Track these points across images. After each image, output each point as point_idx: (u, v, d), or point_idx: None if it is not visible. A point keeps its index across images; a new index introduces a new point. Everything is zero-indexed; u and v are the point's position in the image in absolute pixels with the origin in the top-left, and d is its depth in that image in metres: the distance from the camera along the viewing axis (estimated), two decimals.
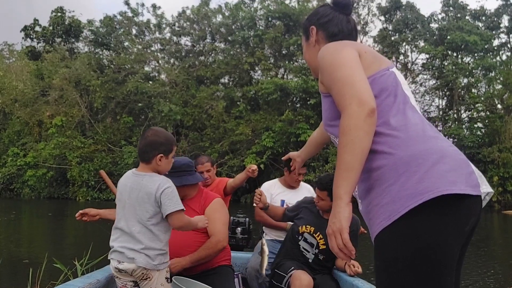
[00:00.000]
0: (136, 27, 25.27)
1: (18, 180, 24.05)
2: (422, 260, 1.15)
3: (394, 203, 1.19)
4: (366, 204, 1.33)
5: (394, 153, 1.26)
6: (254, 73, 23.16)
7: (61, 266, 2.75)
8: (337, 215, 1.23)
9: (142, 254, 2.12)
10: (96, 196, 21.73)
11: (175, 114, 20.40)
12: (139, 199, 2.15)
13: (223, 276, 2.76)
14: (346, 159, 1.24)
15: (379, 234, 1.23)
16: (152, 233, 2.15)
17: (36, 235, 10.96)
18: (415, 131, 1.30)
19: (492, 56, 20.97)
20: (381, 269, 1.23)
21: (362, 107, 1.24)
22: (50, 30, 26.86)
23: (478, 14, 22.20)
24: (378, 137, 1.30)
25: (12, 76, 26.41)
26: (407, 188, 1.18)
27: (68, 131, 22.83)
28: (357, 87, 1.28)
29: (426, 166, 1.20)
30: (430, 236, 1.15)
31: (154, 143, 2.20)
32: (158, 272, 2.15)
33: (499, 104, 20.59)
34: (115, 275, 2.19)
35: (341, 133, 1.26)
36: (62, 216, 15.60)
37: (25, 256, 7.27)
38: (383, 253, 1.22)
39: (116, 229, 2.20)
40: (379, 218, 1.23)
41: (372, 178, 1.29)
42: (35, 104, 24.28)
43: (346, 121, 1.25)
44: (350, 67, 1.34)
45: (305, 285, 2.70)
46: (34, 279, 3.84)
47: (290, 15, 21.07)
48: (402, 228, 1.17)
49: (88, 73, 23.26)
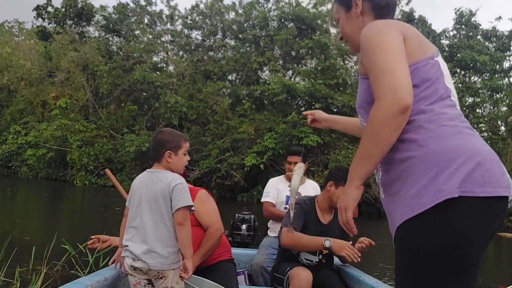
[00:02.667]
0: (148, 16, 25.25)
1: (17, 158, 24.04)
2: (445, 256, 1.14)
3: (419, 196, 1.18)
4: (390, 193, 1.32)
5: (426, 146, 1.23)
6: (262, 73, 23.16)
7: (69, 247, 2.77)
8: (346, 195, 1.33)
9: (156, 255, 2.14)
10: (94, 181, 21.71)
11: (180, 106, 20.41)
12: (154, 195, 2.19)
13: (224, 271, 2.78)
14: (367, 149, 1.26)
15: (400, 226, 1.22)
16: (167, 229, 2.18)
17: (31, 214, 10.96)
18: (450, 126, 1.27)
19: (500, 77, 20.99)
20: (401, 261, 1.23)
21: (397, 101, 1.20)
22: (62, 11, 26.82)
23: (490, 34, 22.20)
24: (412, 127, 1.27)
25: (20, 54, 26.40)
26: (436, 183, 1.17)
27: (71, 114, 22.82)
28: (397, 79, 1.23)
29: (458, 163, 1.18)
30: (456, 234, 1.14)
31: (160, 141, 2.30)
32: (174, 271, 2.18)
33: (503, 126, 20.60)
34: (129, 272, 2.20)
35: (369, 121, 1.25)
36: (58, 198, 15.60)
37: (20, 233, 7.27)
38: (404, 246, 1.22)
39: (130, 228, 2.22)
40: (402, 210, 1.22)
41: (399, 168, 1.27)
42: (41, 84, 24.26)
43: (376, 112, 1.23)
44: (393, 54, 1.28)
45: (304, 280, 2.70)
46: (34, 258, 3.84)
47: (304, 19, 21.07)
48: (427, 223, 1.16)
49: (96, 58, 23.25)
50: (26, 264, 3.80)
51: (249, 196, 18.76)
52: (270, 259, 3.26)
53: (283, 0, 23.12)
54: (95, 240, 2.78)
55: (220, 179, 19.12)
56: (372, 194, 15.62)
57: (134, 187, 2.29)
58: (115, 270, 2.42)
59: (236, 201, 18.66)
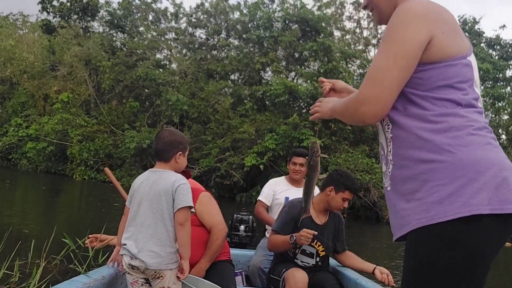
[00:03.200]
0: (153, 13, 25.25)
1: (17, 151, 24.04)
2: (459, 268, 1.13)
3: (442, 204, 1.16)
4: (401, 191, 1.28)
5: (454, 153, 1.19)
6: (264, 74, 23.16)
7: (70, 241, 2.77)
8: (328, 105, 1.58)
9: (153, 254, 2.15)
10: (93, 176, 21.72)
11: (182, 104, 20.41)
12: (156, 194, 2.21)
13: (222, 271, 2.79)
14: (338, 111, 1.48)
15: (415, 231, 1.20)
16: (166, 229, 2.19)
17: (30, 207, 10.97)
18: (480, 136, 1.23)
19: (503, 86, 21.00)
20: (413, 267, 1.20)
21: (360, 114, 1.30)
22: (67, 6, 26.83)
23: (493, 42, 22.22)
24: (441, 128, 1.22)
25: (24, 47, 26.35)
26: (462, 194, 1.15)
27: (73, 108, 22.81)
28: (377, 90, 1.23)
29: (486, 177, 1.15)
30: (475, 248, 1.13)
31: (173, 142, 2.30)
32: (171, 271, 2.18)
33: (504, 134, 20.61)
34: (127, 271, 2.22)
35: (349, 98, 1.39)
36: (57, 192, 15.61)
37: (18, 226, 7.28)
38: (418, 252, 1.19)
39: (130, 226, 2.24)
40: (420, 214, 1.19)
41: (419, 168, 1.23)
42: (43, 78, 24.25)
43: (350, 102, 1.35)
44: (397, 59, 1.22)
45: (299, 281, 2.71)
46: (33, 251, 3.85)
47: (308, 21, 21.07)
48: (446, 233, 1.14)
49: (99, 53, 23.25)
50: (25, 257, 3.81)
51: (247, 196, 18.76)
52: (268, 260, 3.26)
53: (288, 2, 23.14)
54: (93, 239, 2.78)
55: (220, 179, 19.12)
56: (371, 199, 15.62)
57: (135, 186, 2.30)
58: (113, 268, 2.42)
59: (235, 201, 18.66)
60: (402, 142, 1.28)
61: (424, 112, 1.25)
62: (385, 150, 1.37)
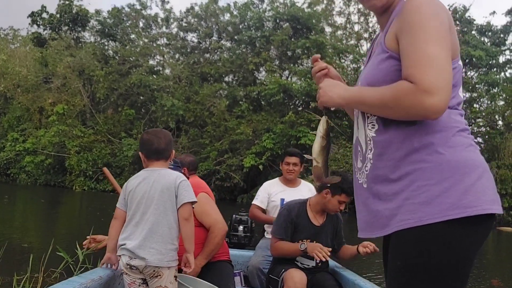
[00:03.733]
0: (144, 20, 25.26)
1: (15, 165, 24.00)
2: (450, 269, 1.14)
3: (430, 205, 1.14)
4: (385, 191, 1.24)
5: (443, 154, 1.18)
6: (258, 74, 23.19)
7: (64, 254, 2.75)
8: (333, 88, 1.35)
9: (154, 251, 2.14)
10: (93, 186, 21.69)
11: (177, 109, 20.41)
12: (159, 191, 2.22)
13: (221, 271, 2.79)
14: (370, 102, 1.23)
15: (401, 231, 1.18)
16: (168, 226, 2.19)
17: (30, 221, 10.94)
18: (463, 137, 1.24)
19: (496, 72, 21.02)
20: (401, 269, 1.19)
21: (428, 108, 1.10)
22: (57, 17, 26.81)
23: (484, 29, 22.24)
24: (429, 130, 1.20)
25: (16, 61, 26.32)
26: (450, 195, 1.14)
27: (68, 120, 22.79)
28: (442, 83, 1.11)
29: (472, 179, 1.16)
30: (462, 250, 1.14)
31: (170, 141, 2.39)
32: (169, 270, 2.18)
33: (500, 120, 20.63)
34: (124, 271, 2.21)
35: (395, 89, 1.15)
36: (56, 204, 15.58)
37: (18, 240, 7.26)
38: (407, 254, 1.18)
39: (129, 226, 2.23)
40: (406, 215, 1.17)
41: (407, 169, 1.20)
42: (37, 91, 24.23)
43: (406, 94, 1.12)
44: (446, 50, 1.15)
45: (297, 281, 2.71)
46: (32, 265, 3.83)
47: (299, 18, 21.09)
48: (436, 234, 1.13)
49: (92, 63, 23.24)
50: (24, 271, 3.79)
51: (249, 197, 18.74)
52: (267, 261, 3.25)
53: (278, 1, 23.16)
54: (91, 240, 2.77)
55: (220, 181, 19.12)
56: None
57: (131, 188, 2.28)
58: (110, 269, 2.40)
59: (236, 202, 18.65)
60: (388, 142, 1.24)
61: None
62: (363, 147, 1.33)
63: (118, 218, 2.33)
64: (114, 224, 2.33)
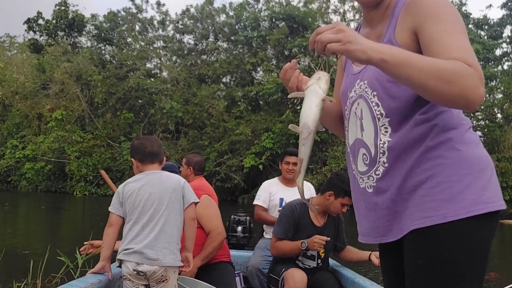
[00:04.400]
0: (140, 23, 25.28)
1: (16, 172, 24.01)
2: (473, 266, 1.14)
3: (454, 202, 1.13)
4: (403, 190, 1.20)
5: (461, 150, 1.17)
6: (256, 74, 23.20)
7: (65, 259, 2.74)
8: (361, 41, 1.06)
9: (167, 252, 2.14)
10: (93, 191, 21.70)
11: (176, 111, 20.42)
12: (166, 191, 2.24)
13: (223, 272, 2.81)
14: (420, 66, 1.04)
15: (422, 229, 1.16)
16: (176, 225, 2.23)
17: (31, 227, 10.95)
18: (473, 134, 1.22)
19: (494, 65, 21.04)
20: (424, 268, 1.16)
21: (482, 91, 1.04)
22: (53, 23, 26.83)
23: (481, 23, 22.25)
24: (446, 125, 1.19)
25: (13, 69, 26.36)
26: (471, 192, 1.14)
27: (67, 125, 22.81)
28: (481, 73, 1.06)
29: (488, 175, 1.17)
30: (484, 244, 1.14)
31: (161, 146, 2.45)
32: (174, 273, 2.18)
33: (499, 113, 20.64)
34: (128, 278, 2.16)
35: (451, 63, 1.04)
36: (57, 210, 15.58)
37: (19, 247, 7.26)
38: (430, 252, 1.15)
39: (133, 229, 2.19)
40: (428, 212, 1.15)
41: (426, 165, 1.18)
42: (36, 97, 24.26)
43: (467, 74, 1.03)
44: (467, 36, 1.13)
45: (298, 281, 2.71)
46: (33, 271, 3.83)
47: (295, 17, 21.10)
48: (459, 231, 1.13)
49: (89, 67, 23.26)
50: (24, 278, 3.79)
51: (249, 198, 18.75)
52: (266, 261, 3.25)
53: (273, 0, 23.17)
54: (89, 246, 2.75)
55: (220, 182, 19.13)
56: None
57: (132, 190, 2.24)
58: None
59: (237, 203, 18.66)
60: (404, 143, 1.20)
61: (427, 109, 1.20)
62: (371, 150, 1.27)
63: (113, 225, 2.27)
64: (110, 232, 2.27)
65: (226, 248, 2.98)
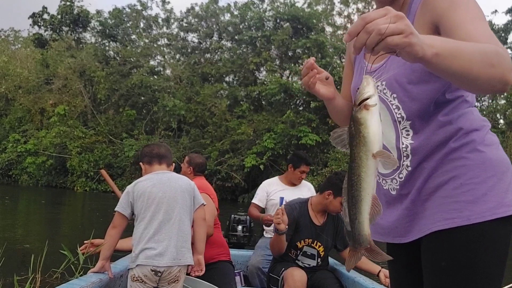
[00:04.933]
0: (144, 20, 25.29)
1: (17, 166, 24.04)
2: (495, 268, 1.14)
3: (478, 204, 1.12)
4: (422, 190, 1.20)
5: (484, 151, 1.16)
6: (259, 74, 23.20)
7: (68, 253, 2.75)
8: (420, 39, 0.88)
9: (185, 250, 2.20)
10: (94, 187, 21.72)
11: (179, 109, 20.43)
12: (180, 191, 2.27)
13: (223, 271, 2.82)
14: (470, 52, 0.95)
15: (444, 231, 1.14)
16: (188, 225, 2.28)
17: (31, 221, 10.97)
18: (493, 136, 1.22)
19: None
20: (447, 269, 1.15)
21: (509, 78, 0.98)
22: (58, 18, 26.87)
23: None
24: (469, 127, 1.18)
25: (17, 63, 26.39)
26: (495, 194, 1.13)
27: (70, 121, 22.83)
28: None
29: (509, 177, 1.16)
30: (505, 246, 1.14)
31: (170, 151, 2.52)
32: (184, 273, 2.22)
33: (502, 119, 20.62)
34: (140, 279, 2.14)
35: (489, 46, 0.99)
36: (57, 205, 15.60)
37: (19, 241, 7.28)
38: (453, 254, 1.14)
39: (150, 227, 2.17)
40: (451, 214, 1.13)
41: (448, 166, 1.17)
42: (39, 92, 24.29)
43: (506, 56, 0.98)
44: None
45: (297, 280, 2.71)
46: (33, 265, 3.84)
47: (299, 18, 21.09)
48: (482, 233, 1.12)
49: (93, 64, 23.28)
50: (24, 272, 3.80)
51: (250, 197, 18.72)
52: (266, 260, 3.25)
53: (278, 0, 23.16)
54: (89, 245, 2.76)
55: (221, 181, 19.13)
56: None
57: (144, 189, 2.24)
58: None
59: (237, 202, 18.65)
60: (428, 146, 1.19)
61: (449, 110, 1.19)
62: (394, 155, 1.23)
63: (117, 227, 2.26)
64: (113, 234, 2.26)
65: (226, 247, 2.98)
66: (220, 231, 3.05)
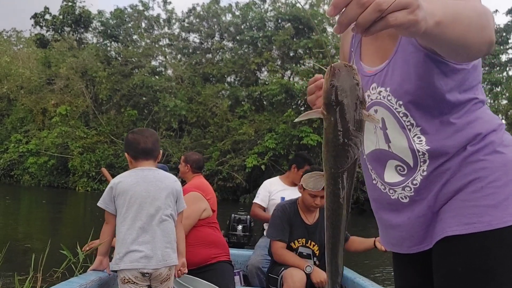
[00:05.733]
0: (146, 21, 25.30)
1: (19, 166, 24.07)
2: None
3: (498, 209, 1.07)
4: (439, 195, 1.15)
5: (504, 153, 1.11)
6: (260, 74, 23.20)
7: (68, 253, 2.76)
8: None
9: (170, 251, 2.19)
10: (96, 187, 21.73)
11: (180, 109, 20.44)
12: (164, 192, 2.23)
13: (222, 272, 2.81)
14: (467, 15, 0.84)
15: (461, 236, 1.09)
16: (173, 225, 2.23)
17: (33, 221, 10.99)
18: (510, 136, 1.18)
19: (499, 71, 20.95)
20: (463, 275, 1.10)
21: (492, 38, 0.89)
22: (60, 19, 26.88)
23: None
24: (488, 129, 1.13)
25: (19, 63, 26.44)
26: None
27: (71, 121, 22.85)
28: None
29: None
30: None
31: (157, 140, 2.37)
32: (173, 271, 2.22)
33: (504, 119, 20.58)
34: (131, 281, 2.13)
35: (474, 3, 0.89)
36: (59, 205, 15.63)
37: (21, 241, 7.29)
38: (471, 259, 1.09)
39: (133, 228, 2.15)
40: (470, 218, 1.08)
41: (467, 169, 1.11)
42: (40, 92, 24.29)
43: (490, 12, 0.90)
44: None
45: (296, 280, 2.72)
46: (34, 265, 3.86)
47: (300, 18, 21.09)
48: (502, 238, 1.07)
49: (95, 64, 23.29)
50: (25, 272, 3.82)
51: (251, 197, 18.73)
52: (266, 260, 3.26)
53: (280, 1, 23.16)
54: (91, 246, 2.77)
55: (222, 181, 19.14)
56: None
57: (127, 186, 2.20)
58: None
59: (239, 202, 18.65)
60: (443, 151, 1.14)
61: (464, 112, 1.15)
62: (407, 161, 1.18)
63: (109, 223, 2.28)
64: (106, 230, 2.30)
65: (225, 248, 2.98)
66: (219, 231, 3.05)
